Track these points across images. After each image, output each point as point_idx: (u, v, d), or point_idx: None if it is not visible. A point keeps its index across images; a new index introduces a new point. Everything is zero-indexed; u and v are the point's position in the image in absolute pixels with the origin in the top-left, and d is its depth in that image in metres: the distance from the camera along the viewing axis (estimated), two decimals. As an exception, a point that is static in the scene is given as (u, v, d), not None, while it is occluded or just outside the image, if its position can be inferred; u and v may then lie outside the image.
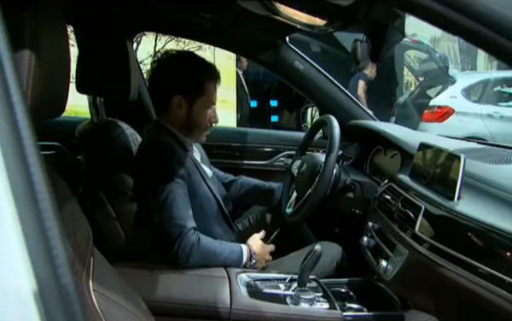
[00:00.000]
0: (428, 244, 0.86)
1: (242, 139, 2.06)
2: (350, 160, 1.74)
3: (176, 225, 1.15)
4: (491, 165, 1.07)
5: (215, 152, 1.99)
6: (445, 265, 0.81)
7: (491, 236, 0.74)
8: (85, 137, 1.46)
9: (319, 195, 1.28)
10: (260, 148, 2.06)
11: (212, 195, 1.33)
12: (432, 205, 0.91)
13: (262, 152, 2.05)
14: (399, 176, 1.16)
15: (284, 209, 1.49)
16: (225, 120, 4.58)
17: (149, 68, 1.38)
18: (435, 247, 0.84)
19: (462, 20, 0.56)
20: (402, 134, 1.47)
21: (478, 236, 0.77)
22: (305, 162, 1.45)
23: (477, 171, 0.97)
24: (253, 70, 5.14)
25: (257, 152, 2.05)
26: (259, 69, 5.37)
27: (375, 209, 1.20)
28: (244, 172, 1.95)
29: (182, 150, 1.28)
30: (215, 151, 1.99)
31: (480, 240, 0.77)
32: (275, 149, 2.03)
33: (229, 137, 2.08)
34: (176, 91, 1.26)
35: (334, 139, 1.30)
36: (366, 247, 1.16)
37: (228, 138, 2.07)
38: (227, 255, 1.22)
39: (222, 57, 4.21)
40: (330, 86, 1.85)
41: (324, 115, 1.48)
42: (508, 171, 1.04)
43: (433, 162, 1.00)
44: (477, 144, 1.41)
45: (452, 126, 4.72)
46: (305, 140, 1.63)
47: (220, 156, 2.01)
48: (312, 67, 1.83)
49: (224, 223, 1.37)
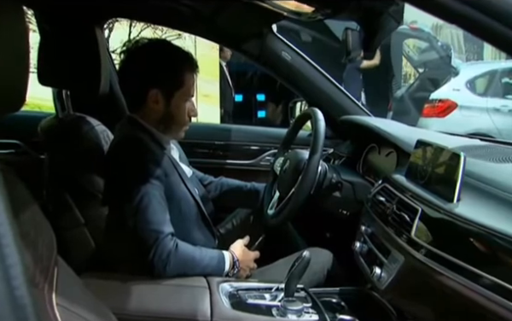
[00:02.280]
0: (425, 250, 0.86)
1: (226, 136, 2.05)
2: (342, 158, 1.74)
3: (151, 231, 1.13)
4: (494, 163, 1.08)
5: (196, 150, 1.98)
6: (443, 272, 0.81)
7: (493, 241, 0.74)
8: (49, 134, 1.43)
9: (303, 194, 1.29)
10: (245, 146, 2.06)
11: (192, 197, 1.32)
12: (429, 207, 0.91)
13: (247, 150, 2.05)
14: (394, 176, 1.16)
15: (266, 211, 1.49)
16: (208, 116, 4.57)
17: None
18: (433, 253, 0.84)
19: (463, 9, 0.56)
20: (398, 131, 1.48)
21: (479, 241, 0.77)
22: (289, 159, 1.45)
23: (479, 170, 0.98)
24: (237, 61, 5.11)
25: (241, 150, 2.05)
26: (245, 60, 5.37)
27: (368, 212, 1.20)
28: (227, 171, 1.94)
29: (158, 148, 1.27)
30: (196, 149, 1.99)
31: (481, 245, 0.77)
32: (261, 148, 2.04)
33: (212, 135, 2.07)
34: (151, 84, 1.24)
35: (319, 134, 1.30)
36: (359, 253, 1.16)
37: (210, 136, 2.06)
38: (208, 263, 1.20)
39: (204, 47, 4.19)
40: (320, 79, 1.86)
41: (309, 108, 1.49)
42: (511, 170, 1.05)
43: (431, 161, 1.01)
44: (480, 141, 1.42)
45: (455, 122, 4.70)
46: (288, 135, 1.63)
47: (202, 155, 2.00)
48: (301, 57, 1.83)
49: (205, 227, 1.36)
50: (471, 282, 0.76)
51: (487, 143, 1.38)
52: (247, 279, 1.30)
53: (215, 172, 1.72)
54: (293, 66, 1.82)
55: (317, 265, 1.33)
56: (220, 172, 1.85)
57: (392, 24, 1.02)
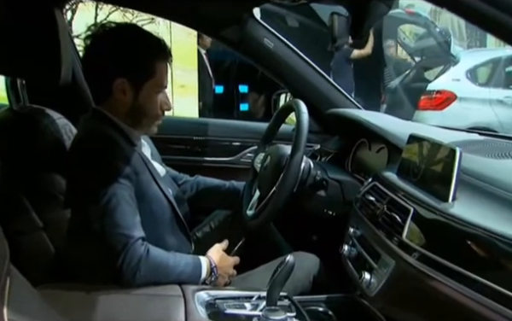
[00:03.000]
0: (418, 253, 0.86)
1: (203, 131, 2.04)
2: (329, 155, 1.74)
3: (120, 235, 1.11)
4: (493, 160, 1.09)
5: (170, 147, 1.97)
6: (437, 277, 0.81)
7: (492, 244, 0.75)
8: (2, 128, 1.39)
9: (284, 193, 1.29)
10: (225, 142, 2.05)
11: (165, 197, 1.30)
12: (422, 207, 0.91)
13: (227, 147, 2.04)
14: (385, 173, 1.17)
15: (245, 211, 1.49)
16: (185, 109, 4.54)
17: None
18: (426, 256, 0.84)
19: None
20: (390, 125, 1.49)
21: (476, 244, 0.78)
22: (270, 155, 1.45)
23: (476, 166, 0.99)
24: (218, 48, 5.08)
25: (221, 147, 2.04)
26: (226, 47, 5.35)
27: (356, 213, 1.20)
28: (205, 170, 1.93)
29: (127, 144, 1.24)
30: (170, 146, 1.97)
31: (479, 248, 0.77)
32: (242, 143, 2.03)
33: (188, 129, 2.06)
34: (118, 73, 1.22)
35: (302, 127, 1.31)
36: (347, 257, 1.17)
37: (186, 131, 2.05)
38: (182, 270, 1.19)
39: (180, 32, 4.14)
40: (306, 68, 1.86)
41: (291, 99, 1.49)
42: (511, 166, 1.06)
43: (425, 157, 1.01)
44: (478, 136, 1.44)
45: (454, 115, 4.71)
46: (269, 129, 1.63)
47: (177, 152, 1.99)
48: (285, 45, 1.83)
49: (180, 231, 1.35)
50: (467, 288, 0.76)
51: (486, 138, 1.40)
52: (225, 287, 1.29)
53: (191, 170, 1.71)
54: (276, 54, 1.81)
55: (302, 271, 1.33)
56: (197, 170, 1.83)
57: (382, 8, 1.02)
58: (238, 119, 5.38)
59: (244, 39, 1.78)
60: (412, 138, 1.10)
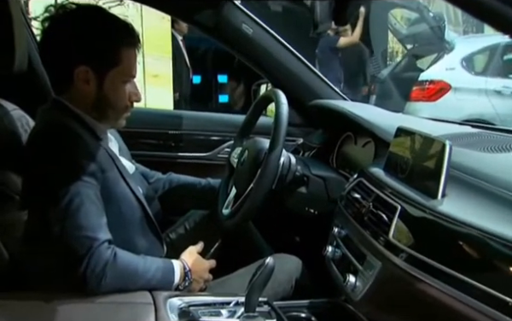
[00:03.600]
0: (405, 254, 0.86)
1: (179, 125, 2.03)
2: (312, 150, 1.75)
3: (83, 238, 1.09)
4: (485, 154, 1.10)
5: (140, 142, 1.96)
6: (426, 280, 0.81)
7: (483, 244, 0.75)
8: None
9: (262, 190, 1.28)
10: (201, 135, 2.04)
11: (134, 196, 1.28)
12: (410, 205, 0.92)
13: (204, 141, 2.04)
14: (372, 169, 1.17)
15: (220, 210, 1.48)
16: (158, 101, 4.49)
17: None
18: (414, 257, 0.84)
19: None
20: (377, 117, 1.50)
21: (467, 244, 0.78)
22: (247, 150, 1.45)
23: (467, 161, 1.00)
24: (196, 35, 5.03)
25: (198, 141, 2.03)
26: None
27: (341, 211, 1.21)
28: (179, 166, 1.92)
29: (92, 139, 1.22)
30: (140, 140, 1.96)
31: (469, 248, 0.78)
32: (221, 138, 2.03)
33: (160, 123, 2.05)
34: (80, 61, 1.19)
35: (281, 119, 1.30)
36: (331, 258, 1.17)
37: (160, 124, 2.03)
38: (153, 275, 1.18)
39: (152, 17, 4.08)
40: (288, 57, 1.85)
41: (270, 89, 1.48)
42: (504, 161, 1.08)
43: (413, 152, 1.02)
44: (471, 128, 1.45)
45: (448, 106, 4.71)
46: (246, 122, 1.62)
47: (148, 147, 1.98)
48: (265, 31, 1.82)
49: (151, 233, 1.33)
50: (458, 291, 0.76)
51: (479, 131, 1.41)
52: (201, 292, 1.28)
53: (164, 166, 1.70)
54: (255, 41, 1.80)
55: (284, 275, 1.33)
56: (171, 166, 1.82)
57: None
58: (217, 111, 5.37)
59: (220, 24, 1.76)
60: (400, 131, 1.11)
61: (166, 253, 1.38)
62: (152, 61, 4.45)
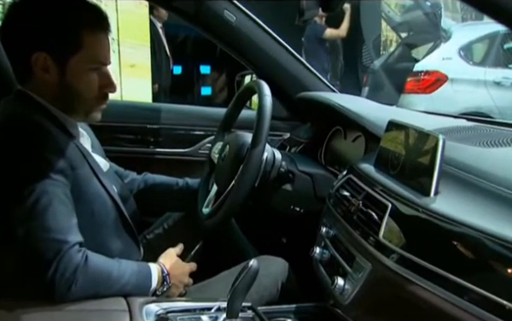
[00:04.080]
0: (397, 255, 0.86)
1: (157, 119, 2.03)
2: (300, 145, 1.76)
3: (51, 240, 1.08)
4: (481, 148, 1.10)
5: (118, 137, 1.95)
6: (418, 282, 0.81)
7: (479, 244, 0.75)
8: None
9: (244, 188, 1.28)
10: (181, 130, 2.04)
11: (108, 195, 1.27)
12: (401, 202, 0.92)
13: (184, 136, 2.03)
14: (361, 165, 1.18)
15: (200, 209, 1.48)
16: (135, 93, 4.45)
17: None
18: (406, 258, 0.84)
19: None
20: (368, 110, 1.50)
21: (462, 244, 0.78)
22: (228, 144, 1.45)
23: (461, 156, 1.00)
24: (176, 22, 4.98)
25: (178, 136, 2.03)
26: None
27: (330, 210, 1.21)
28: (159, 163, 1.91)
29: (61, 133, 1.20)
30: (118, 135, 1.95)
31: (464, 248, 0.78)
32: (203, 132, 2.02)
33: (141, 116, 2.03)
34: (36, 47, 1.16)
35: (264, 112, 1.30)
36: (318, 260, 1.17)
37: (138, 118, 2.02)
38: (128, 279, 1.17)
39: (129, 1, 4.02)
40: (273, 46, 1.86)
41: (253, 80, 1.47)
42: (502, 156, 1.08)
43: (405, 146, 1.02)
44: (466, 121, 1.46)
45: (445, 98, 4.72)
46: (228, 115, 1.63)
47: (126, 143, 1.97)
48: (249, 18, 1.81)
49: (126, 234, 1.32)
50: (452, 294, 0.76)
51: (475, 124, 1.42)
52: (180, 298, 1.28)
53: (141, 163, 1.69)
54: (238, 29, 1.80)
55: (269, 278, 1.33)
56: (148, 163, 1.81)
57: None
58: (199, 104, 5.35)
59: (201, 11, 1.76)
60: (391, 125, 1.11)
61: (143, 256, 1.37)
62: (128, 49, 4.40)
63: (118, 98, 3.73)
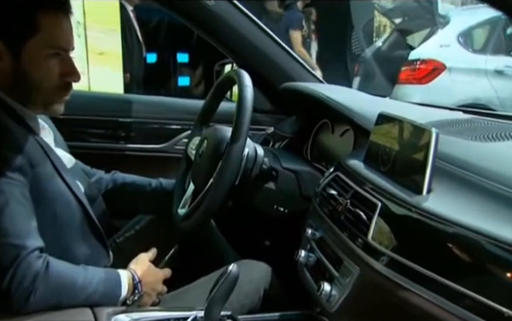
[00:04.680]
0: (387, 258, 0.87)
1: (129, 111, 2.02)
2: (284, 140, 1.76)
3: (8, 246, 1.07)
4: (477, 142, 1.11)
5: (85, 131, 1.93)
6: (410, 287, 0.82)
7: (475, 246, 0.75)
8: None
9: (224, 186, 1.28)
10: (157, 124, 2.04)
11: (73, 195, 1.26)
12: (391, 201, 0.92)
13: (160, 130, 2.03)
14: (350, 161, 1.18)
15: (176, 210, 1.48)
16: (105, 83, 4.41)
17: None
18: (396, 261, 0.85)
19: None
20: (357, 102, 1.51)
21: (457, 246, 0.78)
22: (206, 139, 1.45)
23: (456, 152, 1.01)
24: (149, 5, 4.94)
25: (152, 130, 2.03)
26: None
27: (316, 210, 1.21)
28: (131, 160, 1.91)
29: (19, 127, 1.19)
30: (85, 130, 1.93)
31: (459, 251, 0.78)
32: (180, 126, 2.02)
33: (111, 109, 2.03)
34: None
35: (245, 104, 1.30)
36: (304, 264, 1.17)
37: (108, 110, 2.01)
38: (95, 288, 1.16)
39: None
40: (255, 32, 1.86)
41: (233, 69, 1.47)
42: (500, 151, 1.09)
43: (396, 141, 1.02)
44: (462, 114, 1.48)
45: (442, 89, 4.70)
46: (206, 107, 1.63)
47: (94, 138, 1.96)
48: (228, 2, 1.81)
49: (94, 238, 1.32)
50: (446, 300, 0.76)
51: (472, 117, 1.43)
52: (153, 307, 1.28)
53: (112, 160, 1.69)
54: (216, 14, 1.79)
55: (251, 284, 1.33)
56: (119, 160, 1.80)
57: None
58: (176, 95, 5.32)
59: (176, -7, 1.75)
60: (382, 118, 1.11)
61: (113, 262, 1.37)
62: (96, 34, 4.35)
63: (85, 89, 3.71)
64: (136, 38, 4.82)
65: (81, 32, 4.07)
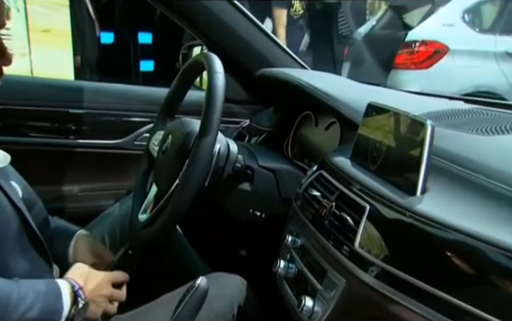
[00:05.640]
0: (376, 268, 0.88)
1: (80, 101, 2.00)
2: (262, 134, 1.77)
3: None
4: (478, 136, 1.12)
5: (27, 124, 1.92)
6: (402, 301, 0.82)
7: (476, 254, 0.75)
8: None
9: (191, 188, 1.27)
10: (114, 116, 2.04)
11: (8, 200, 1.24)
12: (381, 204, 0.93)
13: (117, 123, 2.03)
14: (335, 158, 1.18)
15: (135, 216, 1.47)
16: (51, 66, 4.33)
17: None
18: (387, 272, 0.86)
19: None
20: (344, 91, 1.52)
21: (455, 255, 0.78)
22: (170, 134, 1.44)
23: (455, 146, 1.02)
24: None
25: (108, 124, 2.03)
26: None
27: (297, 214, 1.22)
28: (83, 158, 1.88)
29: None
30: (27, 122, 1.92)
31: (458, 260, 0.78)
32: (141, 119, 2.03)
33: (58, 98, 2.00)
34: None
35: (215, 92, 1.29)
36: (283, 276, 1.18)
37: (55, 99, 1.99)
38: (32, 303, 1.14)
39: None
40: (228, 9, 1.85)
41: (202, 53, 1.47)
42: (503, 146, 1.09)
43: (387, 135, 1.03)
44: (463, 104, 1.49)
45: (444, 75, 4.69)
46: (170, 97, 1.62)
47: (38, 132, 1.95)
48: None
49: (34, 249, 1.29)
50: (444, 316, 0.77)
51: (473, 107, 1.43)
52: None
53: (59, 158, 1.66)
54: None
55: (223, 300, 1.34)
56: (69, 158, 1.77)
57: None
58: (138, 82, 5.27)
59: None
60: (371, 109, 1.12)
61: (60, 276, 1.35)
62: (40, 9, 4.27)
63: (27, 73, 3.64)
64: (88, 14, 4.76)
65: (20, 6, 4.00)
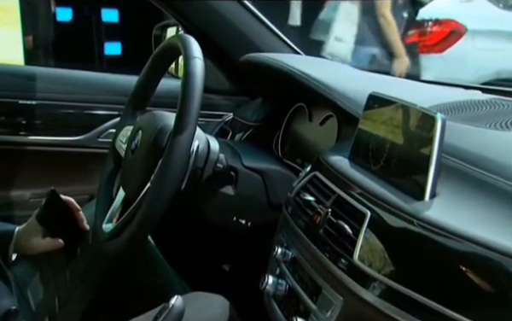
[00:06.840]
0: (378, 284, 0.88)
1: (33, 90, 2.00)
2: (248, 130, 1.77)
3: None
4: (496, 131, 1.12)
5: None
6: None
7: (493, 268, 0.76)
8: None
9: (165, 192, 1.27)
10: (73, 108, 2.04)
11: None
12: (385, 210, 0.93)
13: (77, 117, 2.04)
14: (332, 158, 1.19)
15: (99, 225, 1.47)
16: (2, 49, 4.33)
17: None
18: (390, 288, 0.86)
19: None
20: (342, 79, 1.52)
21: (469, 268, 0.79)
22: (141, 129, 1.44)
23: (469, 144, 1.03)
24: None
25: (66, 117, 2.03)
26: None
27: (288, 223, 1.22)
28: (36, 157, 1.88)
29: None
30: None
31: (472, 275, 0.78)
32: (106, 111, 2.04)
33: (6, 87, 2.02)
34: None
35: (193, 81, 1.29)
36: (272, 295, 1.18)
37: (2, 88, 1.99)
38: None
39: None
40: None
41: (177, 34, 1.47)
42: None
43: (391, 131, 1.03)
44: (481, 93, 1.49)
45: (462, 59, 4.70)
46: (140, 86, 1.62)
47: None
48: None
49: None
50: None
51: (492, 97, 1.41)
52: None
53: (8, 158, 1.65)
54: None
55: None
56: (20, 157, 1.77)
57: None
58: (102, 69, 5.24)
59: None
60: (373, 101, 1.12)
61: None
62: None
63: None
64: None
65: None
